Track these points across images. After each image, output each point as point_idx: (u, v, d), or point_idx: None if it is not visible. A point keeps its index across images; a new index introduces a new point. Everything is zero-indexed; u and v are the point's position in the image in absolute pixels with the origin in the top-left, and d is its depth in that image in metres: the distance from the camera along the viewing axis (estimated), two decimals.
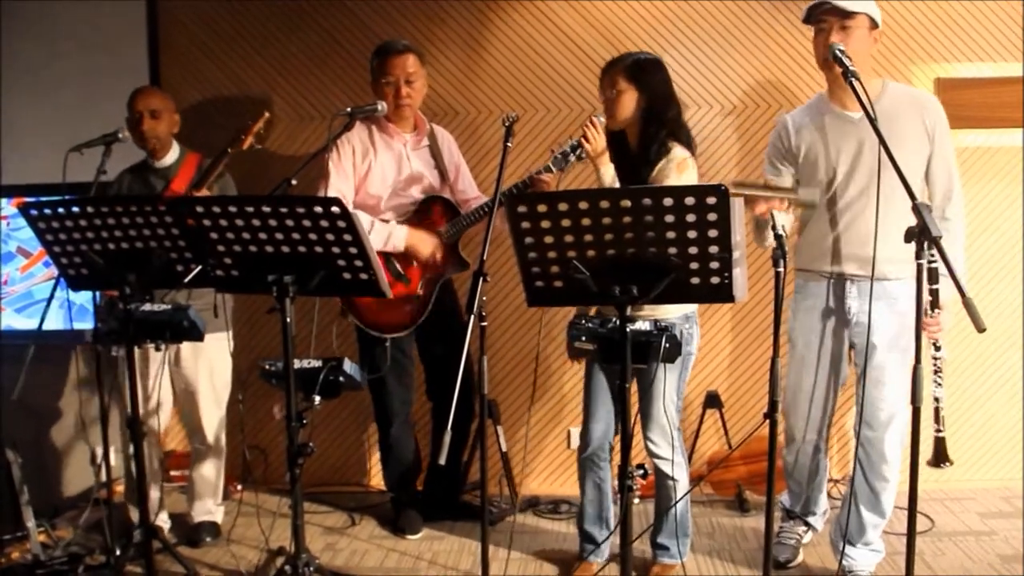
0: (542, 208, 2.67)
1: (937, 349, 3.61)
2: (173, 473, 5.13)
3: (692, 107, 4.97)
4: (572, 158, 3.96)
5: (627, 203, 2.60)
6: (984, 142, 4.86)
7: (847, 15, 3.47)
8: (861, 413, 3.73)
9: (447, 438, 2.77)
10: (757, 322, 5.02)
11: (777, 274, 2.81)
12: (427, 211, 4.35)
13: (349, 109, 4.02)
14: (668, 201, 2.56)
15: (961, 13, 4.83)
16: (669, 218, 2.58)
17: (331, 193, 4.15)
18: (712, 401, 4.94)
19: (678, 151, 3.68)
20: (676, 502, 3.75)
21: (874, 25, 3.54)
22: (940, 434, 3.71)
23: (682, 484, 3.81)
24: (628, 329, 2.77)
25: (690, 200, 2.54)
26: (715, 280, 2.68)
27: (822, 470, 4.01)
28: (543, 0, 4.99)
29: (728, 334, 5.07)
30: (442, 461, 2.78)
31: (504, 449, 4.87)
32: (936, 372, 3.62)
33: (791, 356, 3.87)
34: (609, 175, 3.63)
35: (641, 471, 2.83)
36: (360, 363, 4.18)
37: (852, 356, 3.80)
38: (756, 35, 4.95)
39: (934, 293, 3.44)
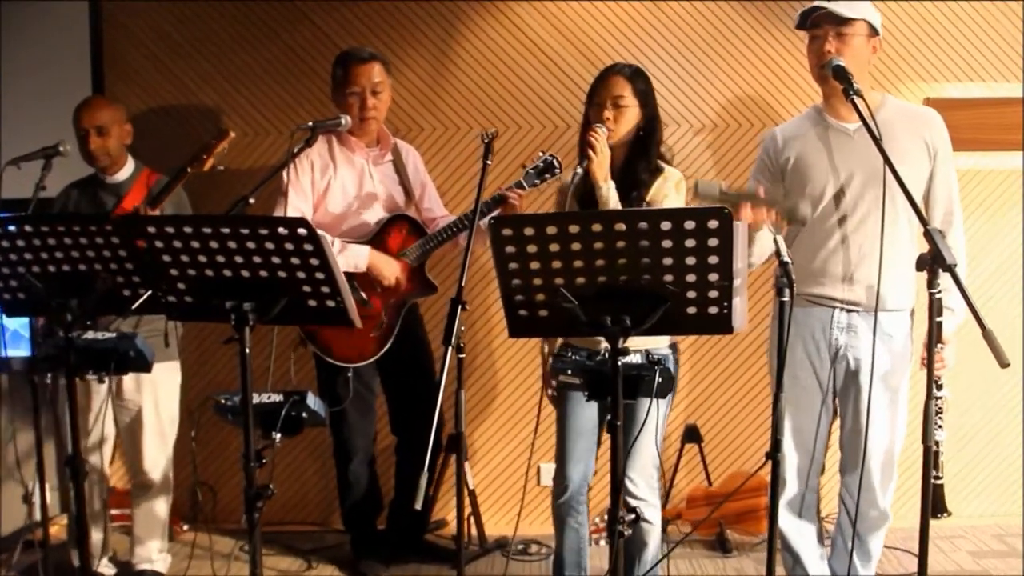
0: (529, 231, 2.53)
1: (939, 388, 3.45)
2: (114, 512, 4.92)
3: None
4: (547, 176, 3.88)
5: (622, 226, 2.48)
6: (974, 165, 4.82)
7: (844, 22, 3.36)
8: (844, 455, 3.66)
9: (423, 480, 2.64)
10: (740, 351, 4.94)
11: (782, 303, 2.70)
12: (391, 230, 4.20)
13: (311, 123, 3.89)
14: (666, 225, 2.44)
15: (951, 31, 4.80)
16: (667, 243, 2.46)
17: (289, 213, 4.01)
18: (691, 435, 4.83)
19: (672, 170, 3.60)
20: (668, 551, 3.62)
21: (873, 32, 3.43)
22: (938, 481, 3.55)
23: (657, 528, 3.69)
24: (620, 362, 2.64)
25: (690, 224, 2.42)
26: (713, 310, 2.56)
27: (808, 530, 3.76)
28: (512, 7, 4.90)
29: (708, 364, 4.97)
30: (419, 505, 2.64)
31: (471, 487, 4.73)
32: (937, 413, 3.44)
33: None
34: (615, 195, 3.46)
35: (632, 515, 2.70)
36: (319, 395, 4.04)
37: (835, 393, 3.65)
38: (734, 47, 4.89)
39: (936, 326, 3.32)
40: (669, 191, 3.56)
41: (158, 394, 4.19)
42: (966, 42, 4.81)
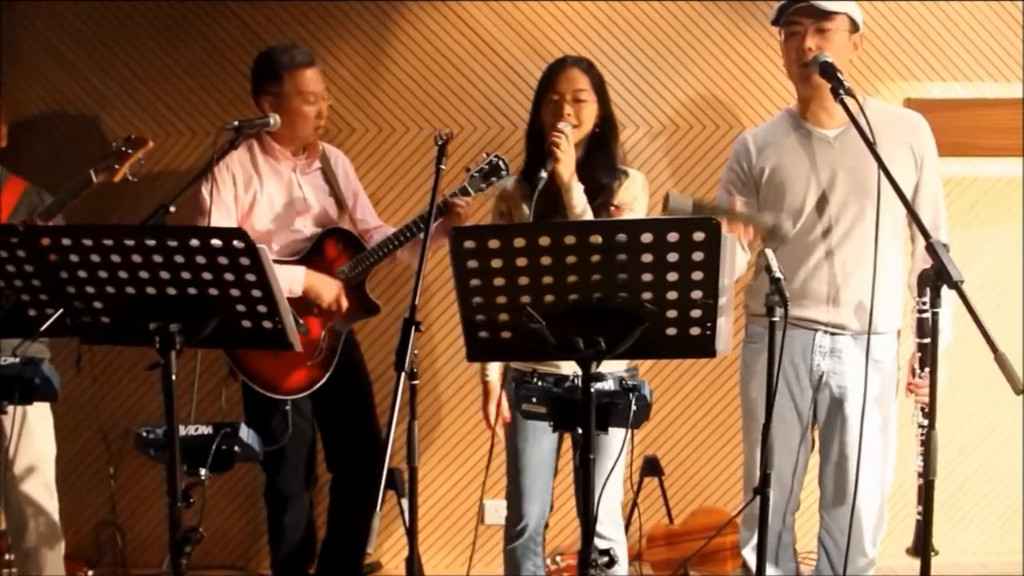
0: (494, 244, 2.48)
1: (923, 415, 3.46)
2: (9, 556, 4.77)
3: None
4: (494, 179, 3.81)
5: (597, 239, 2.44)
6: (959, 172, 4.85)
7: (825, 16, 3.35)
8: (827, 492, 3.64)
9: (376, 521, 2.57)
10: (701, 376, 4.94)
11: (772, 323, 2.69)
12: (325, 246, 4.11)
13: (237, 123, 3.80)
14: (647, 237, 2.40)
15: (935, 27, 4.84)
16: (647, 257, 2.42)
17: None
18: (651, 467, 4.80)
19: (636, 172, 3.59)
20: None
21: (855, 28, 3.44)
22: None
23: (623, 568, 3.65)
24: (592, 389, 2.60)
25: (673, 236, 2.39)
26: (695, 331, 2.55)
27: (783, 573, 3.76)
28: (456, 0, 4.87)
29: (670, 389, 4.96)
30: (371, 549, 2.59)
31: (408, 526, 4.65)
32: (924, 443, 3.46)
33: (747, 421, 3.71)
34: (582, 201, 3.40)
35: (606, 558, 2.66)
36: None
37: (815, 423, 3.65)
38: (690, 46, 4.89)
39: (924, 348, 3.32)
40: (638, 193, 3.54)
41: (30, 432, 3.99)
42: (951, 38, 4.85)
